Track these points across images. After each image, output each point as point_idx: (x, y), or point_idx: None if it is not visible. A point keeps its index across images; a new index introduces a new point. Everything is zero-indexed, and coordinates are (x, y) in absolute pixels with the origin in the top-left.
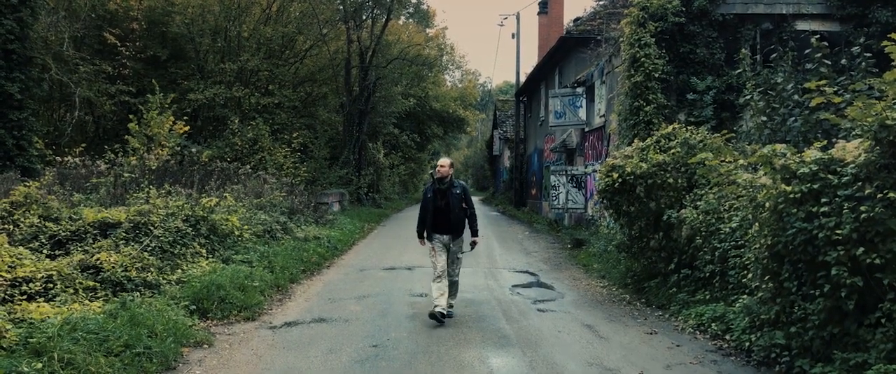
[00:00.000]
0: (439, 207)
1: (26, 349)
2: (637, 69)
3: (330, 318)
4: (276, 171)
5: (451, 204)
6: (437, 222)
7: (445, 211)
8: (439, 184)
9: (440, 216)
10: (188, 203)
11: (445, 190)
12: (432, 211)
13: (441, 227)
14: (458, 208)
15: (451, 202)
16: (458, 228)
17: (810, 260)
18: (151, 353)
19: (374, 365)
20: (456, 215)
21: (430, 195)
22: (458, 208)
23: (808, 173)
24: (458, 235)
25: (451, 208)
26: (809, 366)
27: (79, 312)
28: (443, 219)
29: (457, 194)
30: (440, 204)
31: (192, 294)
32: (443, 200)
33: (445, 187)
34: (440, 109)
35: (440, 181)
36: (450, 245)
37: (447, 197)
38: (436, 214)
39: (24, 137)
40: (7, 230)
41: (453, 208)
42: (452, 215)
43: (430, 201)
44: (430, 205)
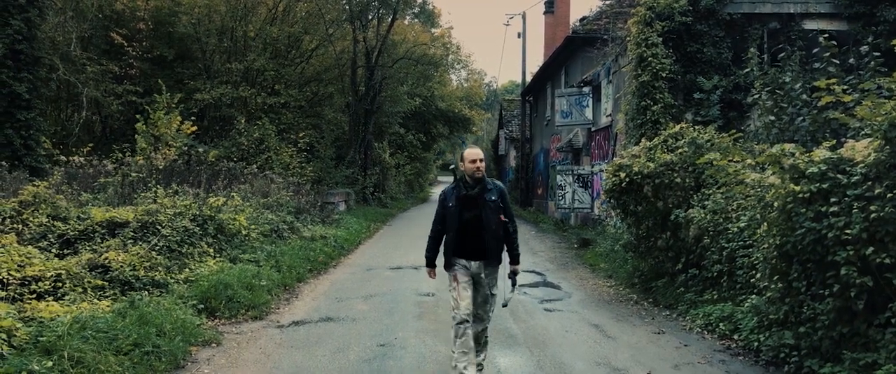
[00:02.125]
0: (467, 221)
1: (36, 347)
2: (644, 69)
3: (337, 317)
4: (283, 170)
5: (485, 217)
6: (465, 242)
7: (477, 227)
8: (468, 188)
9: (469, 235)
10: (195, 203)
11: (477, 196)
12: (457, 227)
13: (470, 250)
14: (494, 221)
15: (486, 215)
16: (494, 251)
17: (819, 260)
18: (160, 352)
19: (382, 364)
20: (492, 232)
21: (452, 204)
22: (494, 223)
23: (817, 173)
24: (493, 261)
25: (485, 222)
26: (819, 366)
27: (88, 311)
28: (473, 239)
29: (493, 201)
30: (468, 217)
31: (200, 293)
32: (473, 210)
33: (477, 192)
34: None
35: (470, 184)
36: (480, 276)
37: (480, 206)
38: (463, 231)
39: (32, 136)
40: (16, 230)
41: (489, 222)
42: (488, 232)
43: (454, 213)
44: (453, 218)
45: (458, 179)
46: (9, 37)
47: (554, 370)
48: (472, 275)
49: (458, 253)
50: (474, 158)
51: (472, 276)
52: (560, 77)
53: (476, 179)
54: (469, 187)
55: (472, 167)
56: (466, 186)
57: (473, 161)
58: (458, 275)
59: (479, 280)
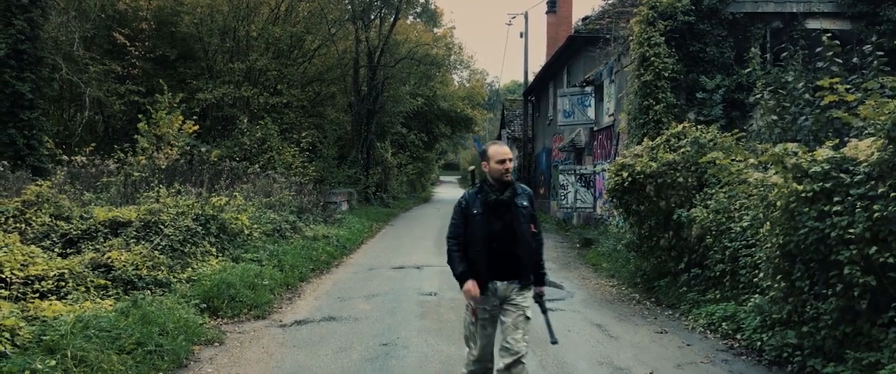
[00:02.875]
0: (495, 233)
1: (39, 346)
2: (646, 68)
3: (339, 316)
4: (285, 170)
5: (519, 227)
6: (493, 258)
7: (509, 240)
8: (496, 193)
9: (499, 250)
10: (198, 202)
11: (508, 202)
12: (484, 239)
13: (499, 268)
14: (528, 232)
15: (520, 225)
16: (529, 268)
17: (822, 259)
18: (163, 351)
19: (385, 364)
20: (526, 245)
21: (477, 212)
22: (528, 233)
23: (820, 172)
24: (526, 281)
25: (520, 233)
26: (822, 366)
27: (91, 310)
28: (505, 255)
29: (525, 207)
30: (497, 228)
31: (203, 293)
32: (503, 219)
33: (508, 197)
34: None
35: (499, 188)
36: (511, 299)
37: (511, 214)
38: (490, 245)
39: (35, 136)
40: (19, 229)
41: (523, 233)
42: (522, 247)
43: (480, 223)
44: (479, 229)
45: (480, 183)
46: (12, 37)
47: (556, 370)
48: (499, 299)
49: (485, 273)
50: (503, 157)
51: (499, 299)
52: (562, 77)
53: (505, 182)
54: (500, 192)
55: (500, 169)
56: (493, 190)
57: (502, 161)
58: (477, 309)
59: (506, 305)
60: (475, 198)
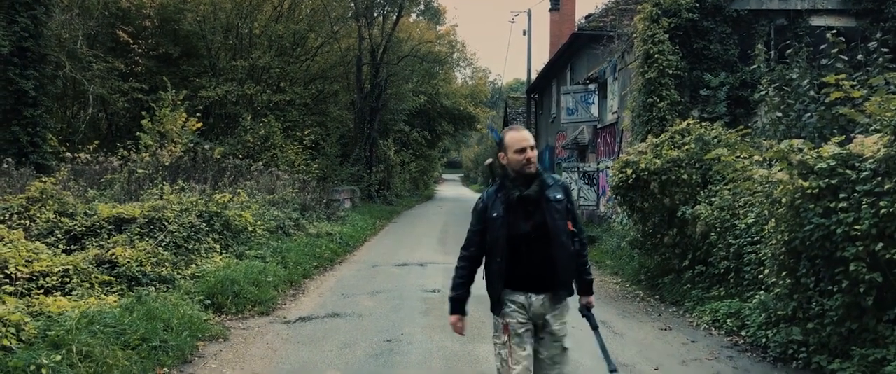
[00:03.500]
0: (525, 235)
1: (45, 341)
2: (650, 65)
3: (343, 313)
4: (288, 168)
5: (552, 226)
6: (522, 267)
7: (542, 243)
8: (519, 187)
9: (529, 255)
10: (202, 199)
11: (537, 197)
12: (506, 244)
13: (530, 278)
14: (564, 231)
15: (553, 223)
16: (568, 277)
17: (828, 256)
18: (168, 346)
19: (389, 360)
20: (563, 247)
21: (498, 214)
22: (565, 233)
23: (825, 169)
24: (565, 293)
25: (553, 234)
26: (827, 362)
27: (95, 306)
28: (536, 260)
29: (559, 201)
30: (527, 229)
31: (207, 289)
32: (532, 218)
33: (536, 191)
34: (451, 106)
35: (522, 181)
36: (546, 319)
37: (543, 211)
38: (518, 251)
39: (39, 133)
40: (23, 225)
41: (557, 233)
42: (558, 248)
43: (503, 225)
44: (503, 233)
45: (500, 178)
46: (15, 34)
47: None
48: (533, 317)
49: (513, 284)
50: (523, 144)
51: (533, 319)
52: (565, 74)
53: (528, 174)
54: (524, 186)
55: (520, 159)
56: (516, 185)
57: (522, 149)
58: (510, 323)
59: (543, 325)
60: (495, 197)
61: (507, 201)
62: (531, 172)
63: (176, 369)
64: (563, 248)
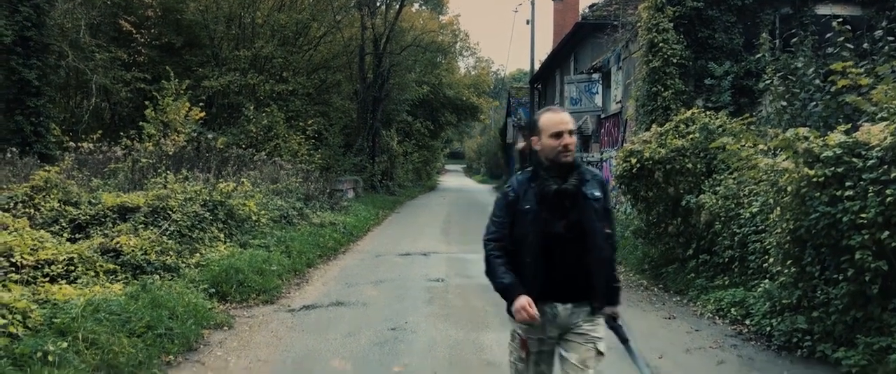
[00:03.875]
0: (557, 237)
1: (51, 328)
2: (655, 54)
3: (347, 302)
4: (291, 158)
5: (590, 227)
6: (553, 272)
7: (577, 246)
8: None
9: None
10: (206, 188)
11: (574, 191)
12: (539, 245)
13: (561, 285)
14: (600, 235)
15: (591, 224)
16: (601, 285)
17: (834, 244)
18: (173, 334)
19: (394, 348)
20: (600, 253)
21: (531, 207)
22: (601, 238)
23: (831, 157)
24: (600, 303)
25: (591, 236)
26: (831, 350)
27: (100, 293)
28: (569, 267)
29: (596, 199)
30: (558, 229)
31: (211, 278)
32: (567, 216)
33: (574, 184)
34: (453, 96)
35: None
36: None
37: (579, 209)
38: (549, 254)
39: (42, 123)
40: (28, 214)
41: (595, 236)
42: (594, 255)
43: (533, 222)
44: (532, 230)
45: (533, 166)
46: (18, 24)
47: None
48: (560, 329)
49: (545, 292)
50: (560, 127)
51: (560, 330)
52: (569, 64)
53: (564, 164)
54: (557, 179)
55: (555, 145)
56: (551, 176)
57: (558, 134)
58: (529, 341)
59: (569, 336)
60: (527, 187)
61: (541, 194)
62: (567, 162)
63: (181, 356)
64: (600, 253)
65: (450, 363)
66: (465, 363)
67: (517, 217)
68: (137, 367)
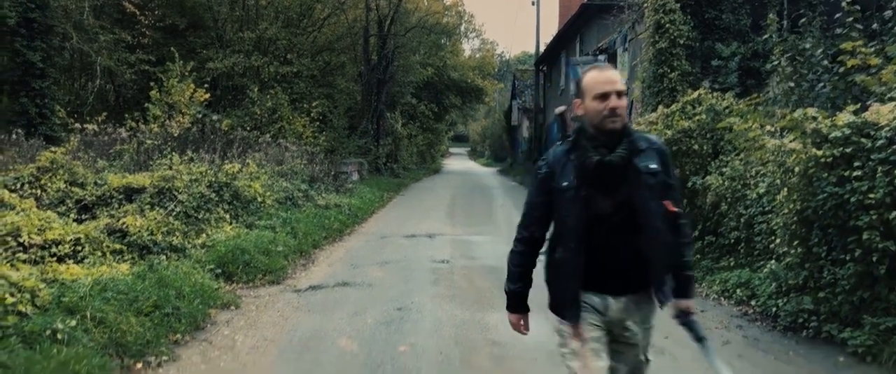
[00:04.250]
0: (601, 218)
1: (59, 307)
2: (661, 36)
3: (353, 282)
4: (296, 140)
5: (642, 205)
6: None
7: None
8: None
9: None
10: (211, 169)
11: (622, 164)
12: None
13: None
14: (657, 215)
15: (644, 201)
16: (660, 278)
17: (841, 225)
18: (180, 313)
19: (400, 327)
20: (655, 235)
21: (569, 183)
22: (657, 217)
23: (840, 137)
24: (658, 295)
25: (643, 216)
26: (838, 331)
27: (108, 273)
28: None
29: (652, 172)
30: (603, 209)
31: (218, 258)
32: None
33: (622, 156)
34: (458, 78)
35: (604, 141)
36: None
37: (630, 184)
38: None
39: (47, 105)
40: (35, 195)
41: (649, 216)
42: (650, 237)
43: (573, 201)
44: (572, 212)
45: (575, 134)
46: (21, 5)
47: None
48: (609, 324)
49: (586, 282)
50: (606, 88)
51: (609, 326)
52: (575, 46)
53: (611, 131)
54: (601, 148)
55: (600, 108)
56: (594, 145)
57: (603, 95)
58: (581, 329)
59: (623, 334)
60: (566, 160)
61: (581, 167)
62: (615, 129)
63: (189, 335)
64: (655, 237)
65: (455, 343)
66: (471, 343)
67: (555, 197)
68: (145, 345)
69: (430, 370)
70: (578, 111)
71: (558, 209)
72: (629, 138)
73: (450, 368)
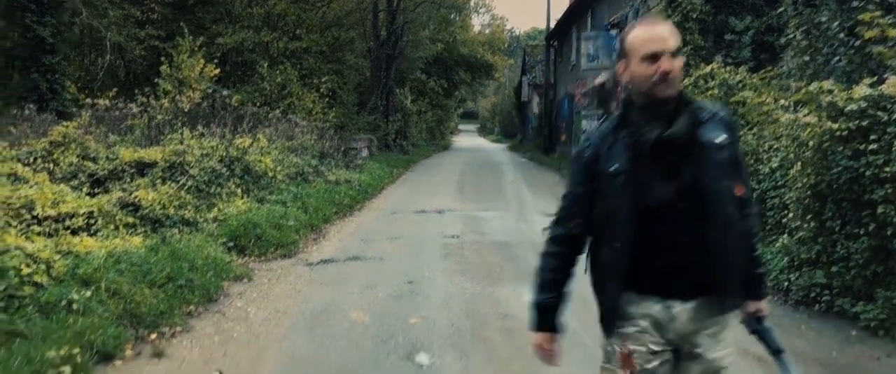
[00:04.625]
0: (662, 207)
1: (74, 278)
2: (674, 9)
3: (364, 256)
4: (306, 116)
5: (712, 191)
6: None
7: (694, 218)
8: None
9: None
10: (222, 144)
11: (686, 138)
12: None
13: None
14: (729, 199)
15: (712, 185)
16: (734, 276)
17: (855, 199)
18: (193, 285)
19: (411, 301)
20: (726, 227)
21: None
22: (730, 203)
23: (856, 110)
24: (730, 301)
25: (712, 204)
26: (850, 305)
27: (121, 246)
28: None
29: (718, 144)
30: (668, 195)
31: (230, 232)
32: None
33: (685, 131)
34: (468, 54)
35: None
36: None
37: (694, 163)
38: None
39: (57, 81)
40: (48, 169)
41: (719, 201)
42: (718, 229)
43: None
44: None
45: (621, 106)
46: None
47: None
48: (674, 339)
49: (641, 284)
50: (655, 47)
51: (674, 341)
52: (586, 20)
53: (665, 99)
54: (658, 121)
55: (649, 73)
56: (647, 118)
57: (653, 56)
58: (634, 353)
59: (690, 350)
60: (613, 139)
61: (636, 147)
62: (669, 96)
63: (202, 306)
64: (728, 226)
65: (466, 316)
66: (481, 316)
67: (600, 184)
68: (159, 316)
69: (442, 342)
70: (623, 77)
71: (605, 199)
72: (690, 108)
73: (461, 340)
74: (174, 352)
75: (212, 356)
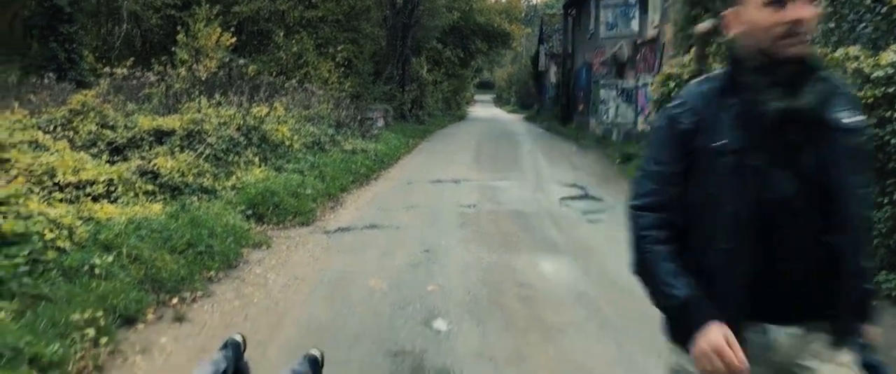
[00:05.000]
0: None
1: (96, 244)
2: None
3: (381, 225)
4: (322, 85)
5: (840, 182)
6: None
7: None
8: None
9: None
10: (239, 113)
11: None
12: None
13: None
14: (863, 198)
15: (841, 177)
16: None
17: (880, 168)
18: (213, 252)
19: (428, 269)
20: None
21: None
22: (863, 203)
23: (882, 77)
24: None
25: (841, 197)
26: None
27: (141, 213)
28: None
29: (851, 127)
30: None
31: (248, 200)
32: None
33: (812, 104)
34: (484, 23)
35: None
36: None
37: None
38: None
39: (75, 50)
40: (68, 136)
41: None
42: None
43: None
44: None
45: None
46: None
47: (599, 277)
48: (776, 367)
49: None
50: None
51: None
52: None
53: (791, 59)
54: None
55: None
56: (766, 81)
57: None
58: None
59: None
60: (719, 105)
61: (751, 118)
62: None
63: (222, 272)
64: (860, 234)
65: (483, 284)
66: (498, 284)
67: (699, 164)
68: (180, 282)
69: (459, 309)
70: (732, 28)
71: (706, 185)
72: (819, 75)
73: (478, 307)
74: (195, 316)
75: (232, 320)
